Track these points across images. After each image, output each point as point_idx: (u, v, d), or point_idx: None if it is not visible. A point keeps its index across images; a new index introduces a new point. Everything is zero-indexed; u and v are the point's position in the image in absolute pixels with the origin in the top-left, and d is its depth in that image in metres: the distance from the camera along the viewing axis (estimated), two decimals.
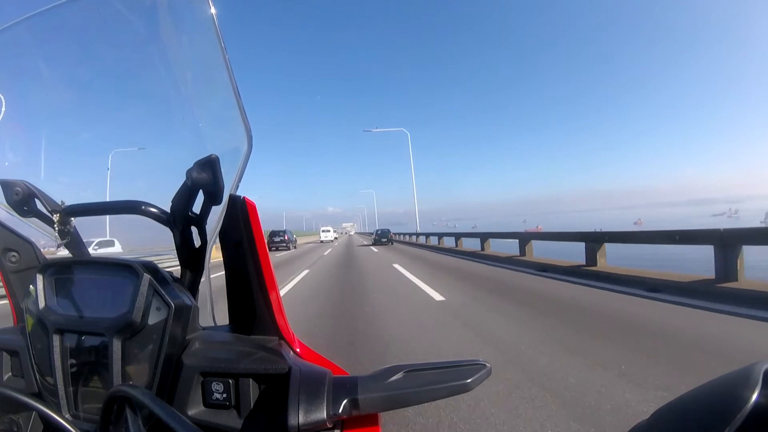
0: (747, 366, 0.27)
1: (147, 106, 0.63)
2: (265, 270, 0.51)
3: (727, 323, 3.50)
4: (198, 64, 0.54)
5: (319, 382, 0.44)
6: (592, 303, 4.61)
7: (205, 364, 0.48)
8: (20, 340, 0.54)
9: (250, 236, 0.50)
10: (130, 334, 0.49)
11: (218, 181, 0.48)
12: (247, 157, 0.47)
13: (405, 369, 0.46)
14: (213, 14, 0.45)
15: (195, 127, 0.56)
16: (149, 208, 0.54)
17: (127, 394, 0.40)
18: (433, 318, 4.22)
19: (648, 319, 3.77)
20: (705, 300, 4.33)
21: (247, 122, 0.46)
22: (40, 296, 0.52)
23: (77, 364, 0.51)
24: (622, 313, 4.05)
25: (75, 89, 0.63)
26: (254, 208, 0.50)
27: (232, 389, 0.46)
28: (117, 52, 0.60)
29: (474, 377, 0.45)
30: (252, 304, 0.54)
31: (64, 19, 0.57)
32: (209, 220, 0.55)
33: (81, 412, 0.51)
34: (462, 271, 8.76)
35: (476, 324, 3.88)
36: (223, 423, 0.46)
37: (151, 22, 0.54)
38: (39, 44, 0.60)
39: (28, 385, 0.53)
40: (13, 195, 0.56)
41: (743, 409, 0.23)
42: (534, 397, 2.17)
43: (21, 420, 0.53)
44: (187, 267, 0.57)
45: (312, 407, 0.42)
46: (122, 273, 0.51)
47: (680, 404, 0.28)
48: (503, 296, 5.33)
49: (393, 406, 0.44)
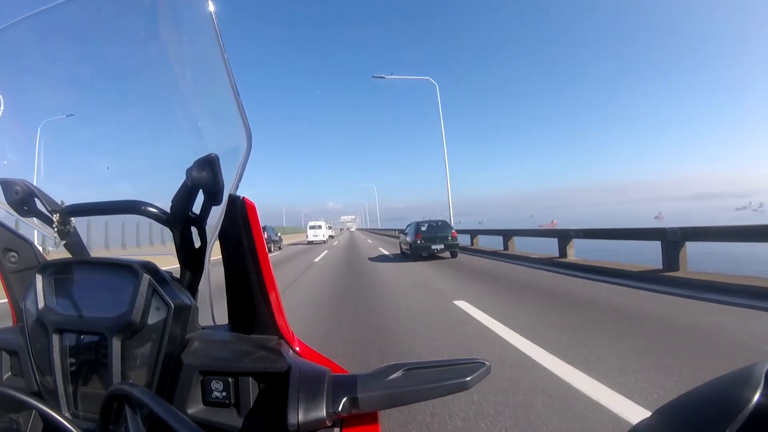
0: (748, 366, 0.26)
1: (146, 105, 0.63)
2: (265, 270, 0.51)
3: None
4: (197, 62, 0.54)
5: (318, 380, 0.44)
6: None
7: (204, 363, 0.48)
8: (20, 340, 0.54)
9: (250, 236, 0.50)
10: (130, 333, 0.49)
11: (218, 180, 0.48)
12: (246, 156, 0.47)
13: (404, 367, 0.46)
14: (212, 13, 0.45)
15: (194, 126, 0.56)
16: (149, 208, 0.54)
17: (126, 392, 0.40)
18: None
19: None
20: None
21: (246, 121, 0.46)
22: (39, 296, 0.52)
23: (77, 364, 0.51)
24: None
25: (75, 88, 0.63)
26: (254, 208, 0.50)
27: (231, 388, 0.46)
28: (116, 52, 0.60)
29: (473, 375, 0.45)
30: (252, 304, 0.54)
31: (64, 19, 0.57)
32: (209, 220, 0.55)
33: (81, 411, 0.51)
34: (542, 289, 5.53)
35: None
36: (223, 422, 0.45)
37: (151, 21, 0.54)
38: (39, 43, 0.60)
39: (27, 385, 0.53)
40: (12, 194, 0.56)
41: (744, 409, 0.23)
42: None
43: (21, 419, 0.53)
44: (187, 267, 0.57)
45: (311, 406, 0.42)
46: (122, 273, 0.51)
47: (681, 404, 0.28)
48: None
49: (392, 404, 0.44)
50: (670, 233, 6.05)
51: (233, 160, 0.48)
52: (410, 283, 6.88)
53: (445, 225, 11.35)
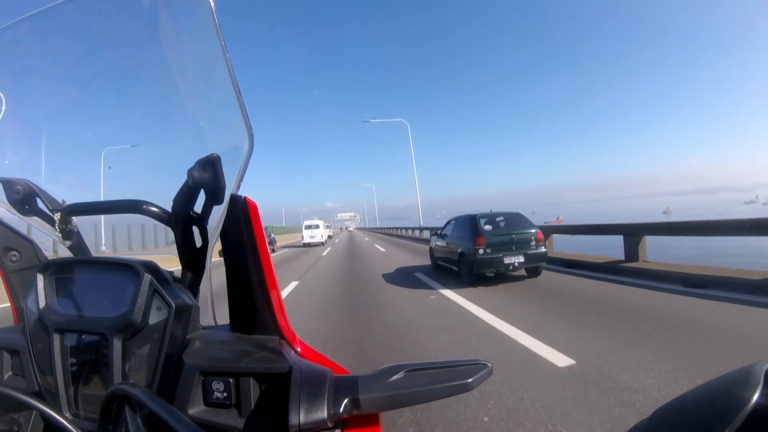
0: (747, 366, 0.27)
1: (148, 105, 0.62)
2: (266, 270, 0.51)
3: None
4: (199, 63, 0.54)
5: (319, 381, 0.44)
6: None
7: (205, 363, 0.48)
8: (21, 340, 0.54)
9: (251, 236, 0.50)
10: (131, 333, 0.49)
11: (219, 180, 0.48)
12: (248, 156, 0.47)
13: (406, 368, 0.46)
14: (213, 13, 0.45)
15: (196, 126, 0.56)
16: (150, 208, 0.54)
17: (126, 392, 0.40)
18: None
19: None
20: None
21: (248, 121, 0.46)
22: (40, 296, 0.52)
23: (77, 364, 0.51)
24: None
25: (76, 88, 0.63)
26: (255, 208, 0.50)
27: (232, 388, 0.46)
28: (118, 52, 0.60)
29: (475, 377, 0.45)
30: (253, 304, 0.54)
31: (65, 19, 0.57)
32: (210, 220, 0.55)
33: (81, 411, 0.51)
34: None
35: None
36: (224, 422, 0.45)
37: (152, 21, 0.54)
38: (39, 43, 0.60)
39: (28, 385, 0.53)
40: (14, 194, 0.56)
41: (744, 409, 0.23)
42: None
43: (21, 419, 0.53)
44: (188, 267, 0.57)
45: (313, 407, 0.42)
46: (123, 273, 0.51)
47: (680, 404, 0.28)
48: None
49: (394, 405, 0.44)
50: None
51: (234, 160, 0.48)
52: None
53: (522, 220, 6.37)
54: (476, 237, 5.82)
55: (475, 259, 5.70)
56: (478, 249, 5.71)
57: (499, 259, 5.65)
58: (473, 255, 5.73)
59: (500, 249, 5.73)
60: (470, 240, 5.92)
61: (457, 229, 6.72)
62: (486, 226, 6.13)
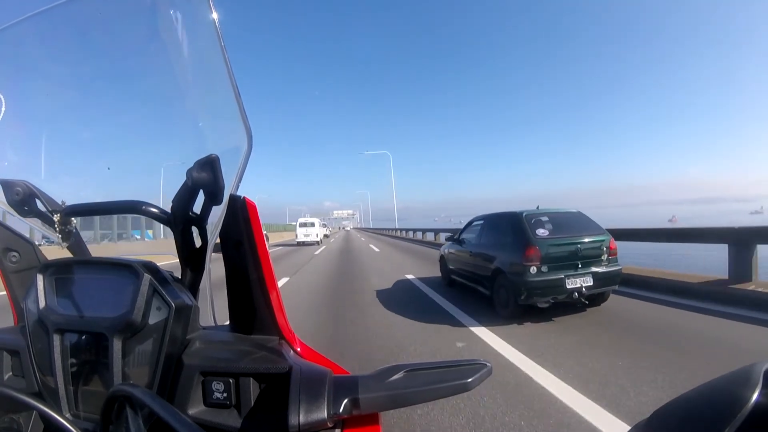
0: (747, 366, 0.27)
1: (147, 106, 0.62)
2: (266, 270, 0.51)
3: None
4: (198, 64, 0.54)
5: (319, 381, 0.44)
6: None
7: (205, 363, 0.48)
8: (21, 340, 0.54)
9: (251, 236, 0.50)
10: (131, 333, 0.49)
11: (218, 180, 0.48)
12: (247, 156, 0.47)
13: (406, 368, 0.46)
14: (213, 15, 0.45)
15: (195, 127, 0.56)
16: (150, 208, 0.54)
17: (127, 393, 0.40)
18: None
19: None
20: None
21: (247, 122, 0.46)
22: (40, 296, 0.52)
23: (77, 364, 0.51)
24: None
25: (76, 89, 0.63)
26: (254, 208, 0.50)
27: (232, 389, 0.46)
28: (117, 52, 0.60)
29: (474, 376, 0.45)
30: (252, 304, 0.54)
31: (65, 19, 0.57)
32: (210, 220, 0.55)
33: (81, 412, 0.51)
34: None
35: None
36: (224, 422, 0.45)
37: (152, 22, 0.54)
38: (40, 44, 0.60)
39: (28, 385, 0.53)
40: (13, 195, 0.56)
41: (743, 408, 0.23)
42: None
43: (21, 419, 0.53)
44: (188, 267, 0.57)
45: (312, 407, 0.42)
46: (123, 273, 0.51)
47: (680, 404, 0.28)
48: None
49: (393, 405, 0.44)
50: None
51: (233, 161, 0.48)
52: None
53: (584, 221, 4.20)
54: (526, 247, 3.72)
55: (524, 281, 3.60)
56: (529, 266, 3.62)
57: (560, 283, 3.58)
58: (521, 275, 3.64)
59: (561, 266, 3.67)
60: (515, 251, 3.85)
61: (489, 233, 4.59)
62: (538, 229, 3.88)
